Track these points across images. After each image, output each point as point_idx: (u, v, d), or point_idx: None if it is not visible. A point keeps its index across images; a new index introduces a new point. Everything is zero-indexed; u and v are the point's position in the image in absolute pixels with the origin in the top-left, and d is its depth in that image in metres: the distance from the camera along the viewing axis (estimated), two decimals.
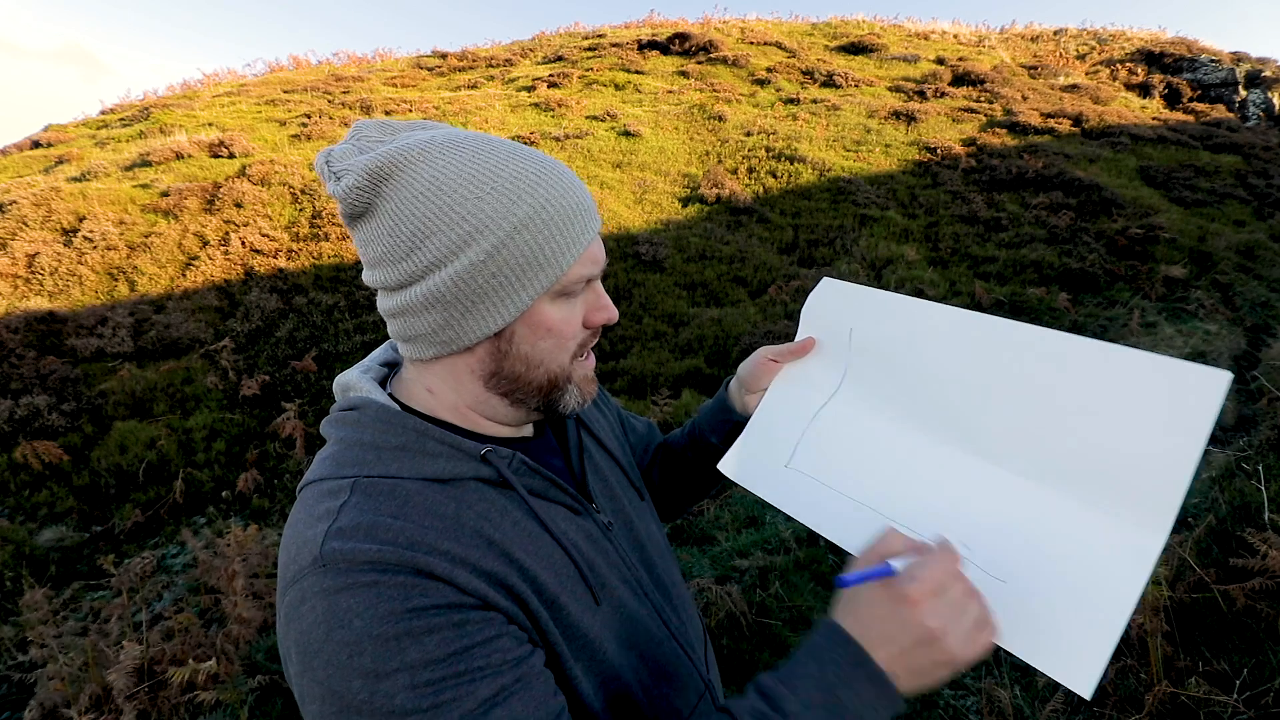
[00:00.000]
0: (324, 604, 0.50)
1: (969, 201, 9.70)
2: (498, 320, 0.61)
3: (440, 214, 0.58)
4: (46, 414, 5.59)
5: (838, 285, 0.87)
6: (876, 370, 0.80)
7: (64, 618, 3.32)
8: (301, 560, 0.53)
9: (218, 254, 7.96)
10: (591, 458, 0.79)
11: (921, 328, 0.76)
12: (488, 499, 0.61)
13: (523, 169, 0.60)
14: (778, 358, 0.88)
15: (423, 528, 0.55)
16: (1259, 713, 1.83)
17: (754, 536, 3.54)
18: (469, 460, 0.62)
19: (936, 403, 0.73)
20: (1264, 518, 2.52)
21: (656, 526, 0.85)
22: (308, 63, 18.10)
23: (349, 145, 0.62)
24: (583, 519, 0.69)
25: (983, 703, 2.14)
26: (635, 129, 11.57)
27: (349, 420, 0.64)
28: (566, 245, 0.61)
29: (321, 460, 0.62)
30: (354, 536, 0.53)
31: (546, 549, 0.62)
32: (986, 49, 16.99)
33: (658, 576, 0.77)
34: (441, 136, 0.61)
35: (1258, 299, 7.05)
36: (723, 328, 6.67)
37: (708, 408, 0.97)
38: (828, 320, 0.86)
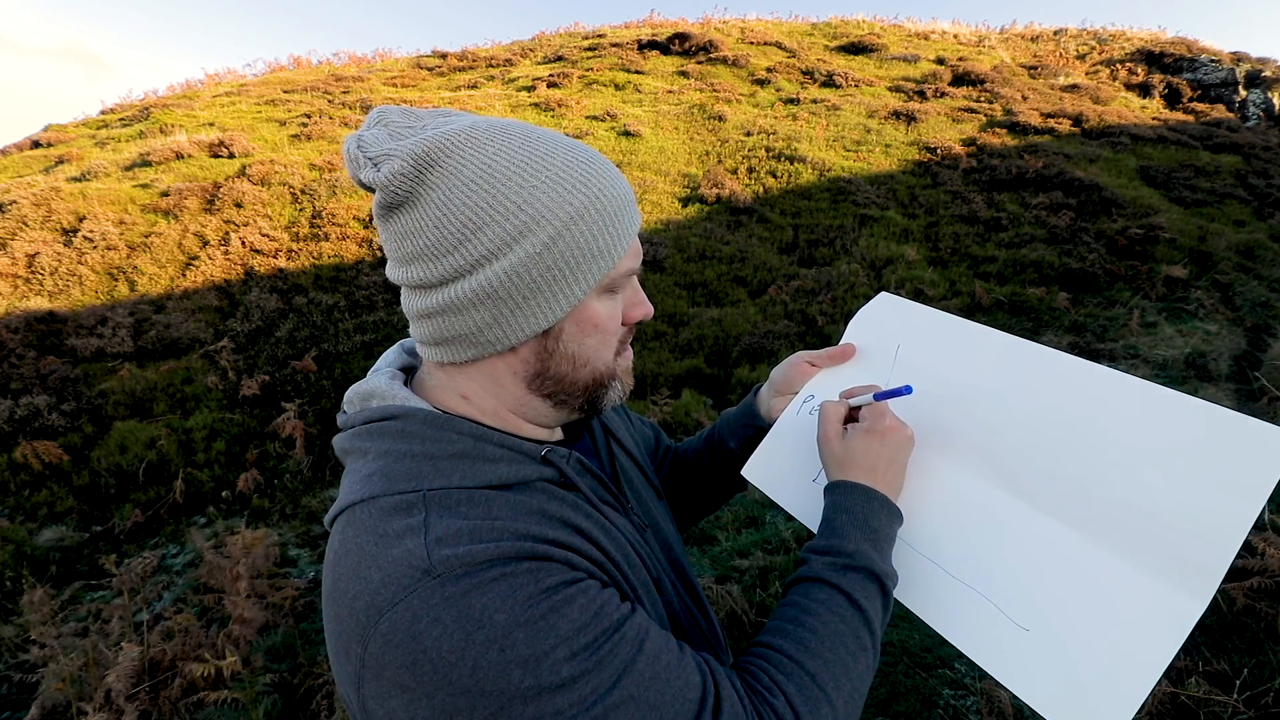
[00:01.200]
0: (451, 612, 0.47)
1: (969, 201, 9.70)
2: (550, 316, 0.58)
3: (495, 203, 0.55)
4: (46, 414, 5.59)
5: (896, 301, 0.84)
6: (917, 392, 0.76)
7: (64, 618, 3.32)
8: (400, 579, 0.49)
9: (218, 254, 7.96)
10: (618, 459, 0.78)
11: (974, 355, 0.74)
12: (558, 498, 0.61)
13: (572, 158, 0.58)
14: (815, 361, 0.86)
15: (522, 521, 0.55)
16: (1259, 713, 1.83)
17: (754, 536, 3.54)
18: (531, 463, 0.61)
19: (979, 434, 0.70)
20: (1264, 518, 2.52)
21: (675, 528, 0.85)
22: (308, 63, 18.10)
23: (379, 131, 0.58)
24: (622, 518, 0.69)
25: (983, 703, 2.14)
26: (635, 129, 11.57)
27: (390, 431, 0.59)
28: (617, 237, 0.60)
29: (367, 478, 0.57)
30: (460, 541, 0.51)
31: (620, 542, 0.63)
32: (986, 49, 16.99)
33: (687, 579, 0.77)
34: (483, 123, 0.58)
35: (1258, 299, 7.05)
36: (723, 328, 6.67)
37: (730, 414, 0.95)
38: (876, 333, 0.84)
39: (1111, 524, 0.58)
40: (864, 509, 0.68)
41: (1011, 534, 0.63)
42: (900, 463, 0.71)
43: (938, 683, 2.40)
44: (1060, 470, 0.63)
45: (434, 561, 0.49)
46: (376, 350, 6.46)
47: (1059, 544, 0.60)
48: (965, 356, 0.75)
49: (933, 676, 2.44)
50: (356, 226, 8.44)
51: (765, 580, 3.06)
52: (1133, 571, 0.56)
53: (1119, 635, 0.55)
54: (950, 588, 0.64)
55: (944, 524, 0.68)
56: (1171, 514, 0.55)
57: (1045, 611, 0.58)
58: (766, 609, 2.87)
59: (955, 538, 0.67)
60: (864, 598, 0.63)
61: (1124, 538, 0.57)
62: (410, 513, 0.53)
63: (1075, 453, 0.62)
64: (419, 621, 0.47)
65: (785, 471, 0.81)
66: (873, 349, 0.83)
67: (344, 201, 8.78)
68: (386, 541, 0.52)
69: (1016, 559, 0.62)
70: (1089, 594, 0.57)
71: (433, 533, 0.51)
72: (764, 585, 3.03)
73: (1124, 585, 0.56)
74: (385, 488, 0.55)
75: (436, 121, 0.59)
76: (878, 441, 0.70)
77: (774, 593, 2.96)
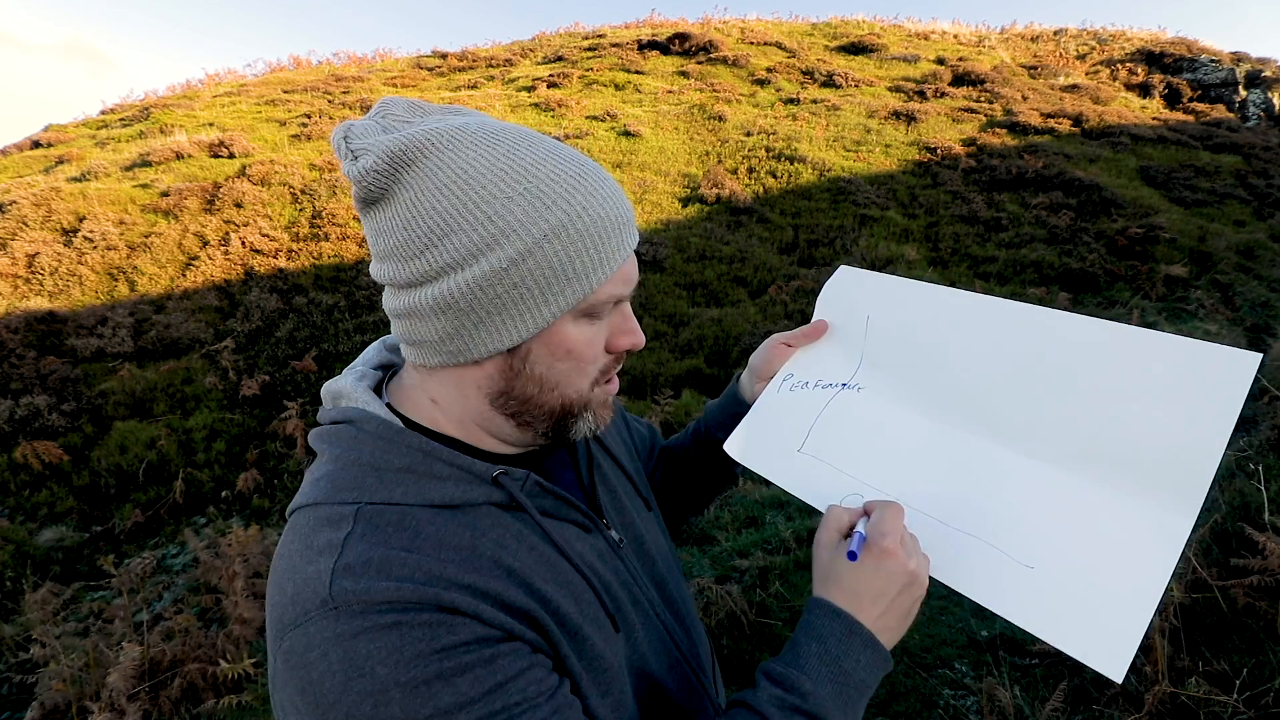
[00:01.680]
0: (339, 651, 0.46)
1: (969, 201, 9.70)
2: (513, 336, 0.55)
3: (464, 210, 0.52)
4: (46, 414, 5.59)
5: (856, 273, 0.86)
6: (894, 357, 0.79)
7: (65, 618, 3.32)
8: (305, 601, 0.48)
9: (218, 254, 7.96)
10: (601, 469, 0.74)
11: (941, 315, 0.76)
12: (502, 524, 0.57)
13: (561, 170, 0.55)
14: (790, 341, 0.86)
15: (440, 560, 0.51)
16: (1259, 713, 1.83)
17: (754, 536, 3.54)
18: (480, 484, 0.57)
19: (958, 390, 0.72)
20: (1264, 518, 2.52)
21: (665, 538, 0.81)
22: (308, 63, 18.10)
23: (372, 122, 0.57)
24: (593, 536, 0.65)
25: (983, 702, 2.14)
26: (635, 129, 11.57)
27: (343, 436, 0.58)
28: (599, 261, 0.55)
29: (315, 481, 0.57)
30: (366, 574, 0.48)
31: (565, 575, 0.59)
32: (986, 49, 16.99)
33: (668, 594, 0.73)
34: (475, 124, 0.55)
35: (1258, 299, 7.05)
36: (723, 328, 6.67)
37: (715, 404, 0.94)
38: (844, 307, 0.85)
39: (1095, 457, 0.61)
40: (840, 645, 0.59)
41: (1003, 479, 0.66)
42: (892, 598, 0.60)
43: (938, 683, 2.40)
44: (1040, 414, 0.66)
45: (333, 592, 0.48)
46: None
47: (1049, 483, 0.63)
48: (933, 317, 0.76)
49: (933, 676, 2.44)
50: (356, 226, 8.44)
51: (765, 580, 3.06)
52: (1121, 499, 0.59)
53: (1118, 560, 0.57)
54: (952, 539, 0.66)
55: (936, 479, 0.70)
56: (1150, 441, 0.59)
57: (1045, 547, 0.61)
58: (766, 609, 2.87)
59: (949, 490, 0.69)
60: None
61: (1109, 468, 0.60)
62: (338, 527, 0.52)
63: (1052, 395, 0.65)
64: (310, 651, 0.47)
65: (767, 444, 0.82)
66: (844, 322, 0.85)
67: (344, 201, 8.78)
68: (307, 556, 0.51)
69: (1010, 502, 0.65)
70: (1084, 525, 0.60)
71: (344, 558, 0.49)
72: (764, 585, 3.03)
73: (1115, 512, 0.59)
74: (328, 495, 0.55)
75: (433, 119, 0.58)
76: (871, 564, 0.60)
77: (774, 592, 2.96)
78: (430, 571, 0.50)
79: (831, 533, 0.65)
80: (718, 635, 2.65)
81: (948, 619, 2.80)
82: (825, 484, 0.76)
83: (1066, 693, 2.08)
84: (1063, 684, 2.12)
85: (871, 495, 0.72)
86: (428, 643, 0.47)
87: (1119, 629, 0.55)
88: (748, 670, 2.53)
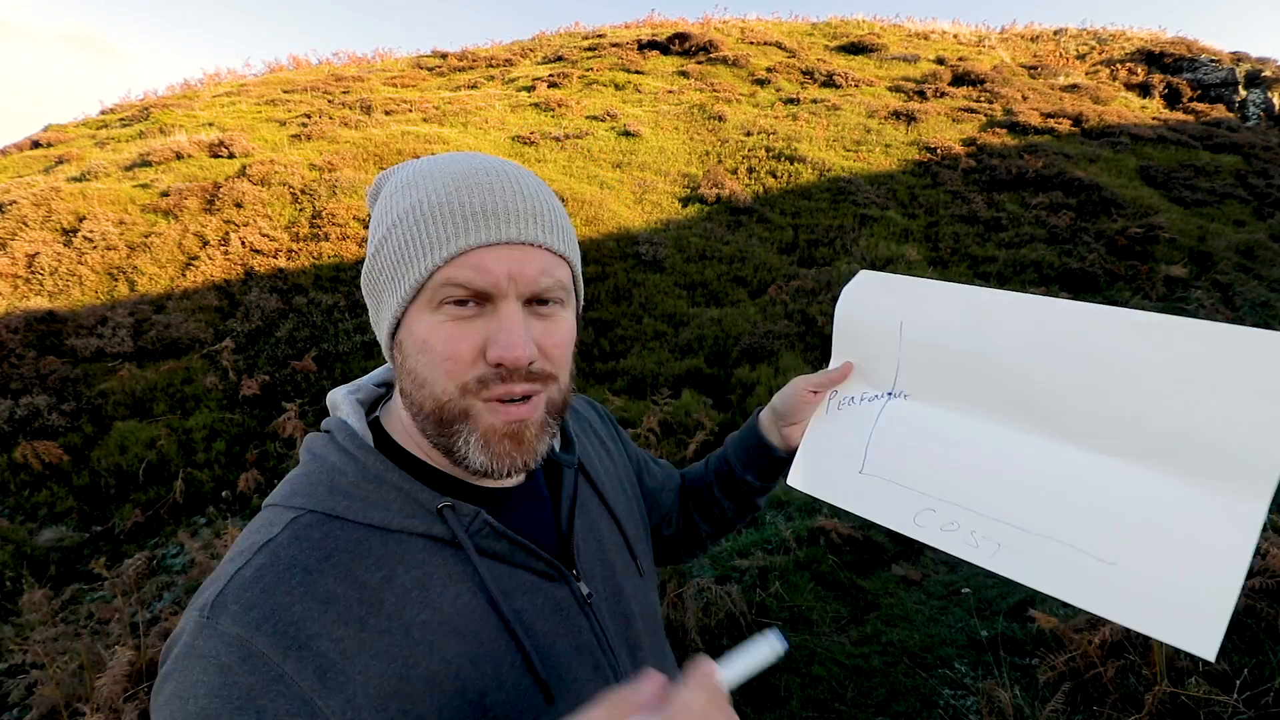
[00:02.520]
0: (182, 662, 0.48)
1: (969, 201, 9.70)
2: (385, 323, 0.59)
3: (378, 215, 0.60)
4: (46, 414, 5.59)
5: (880, 277, 0.83)
6: (936, 362, 0.77)
7: (63, 618, 3.32)
8: (203, 595, 0.51)
9: (218, 254, 7.96)
10: (587, 513, 0.70)
11: (982, 315, 0.74)
12: (431, 563, 0.55)
13: (435, 165, 0.58)
14: (818, 388, 0.84)
15: (325, 603, 0.50)
16: (1259, 713, 1.83)
17: (754, 536, 3.54)
18: (422, 514, 0.56)
19: (1012, 390, 0.71)
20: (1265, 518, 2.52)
21: (654, 595, 0.77)
22: (308, 63, 18.11)
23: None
24: (556, 587, 0.61)
25: (983, 703, 2.14)
26: (635, 129, 11.57)
27: (318, 444, 0.60)
28: (434, 243, 0.54)
29: (286, 480, 0.59)
30: (247, 597, 0.49)
31: (490, 633, 0.55)
32: (986, 49, 16.99)
33: (641, 659, 0.68)
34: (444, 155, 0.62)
35: (1258, 299, 7.05)
36: (723, 328, 6.67)
37: (737, 446, 0.91)
38: (871, 315, 0.82)
39: (1163, 449, 0.62)
40: None
41: (1072, 478, 0.66)
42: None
43: (938, 683, 2.40)
44: (1101, 408, 0.65)
45: (211, 599, 0.49)
46: (376, 350, 6.46)
47: (1119, 478, 0.64)
48: (974, 319, 0.74)
49: (933, 676, 2.44)
50: (356, 226, 8.44)
51: (765, 580, 3.06)
52: (1193, 488, 0.60)
53: (1197, 548, 0.58)
54: (1031, 544, 0.66)
55: (1004, 484, 0.70)
56: (1216, 429, 0.59)
57: (1125, 542, 0.61)
58: (766, 609, 2.87)
59: (1019, 494, 0.68)
60: None
61: (1178, 459, 0.61)
62: (267, 531, 0.54)
63: (1112, 389, 0.65)
64: (176, 642, 0.49)
65: (830, 471, 0.82)
66: (873, 329, 0.82)
67: (344, 201, 8.78)
68: (232, 553, 0.54)
69: (1084, 500, 0.65)
70: (1160, 518, 0.61)
71: (248, 568, 0.51)
72: (764, 585, 3.03)
73: (1189, 502, 0.60)
74: (284, 498, 0.57)
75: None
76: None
77: (774, 592, 2.96)
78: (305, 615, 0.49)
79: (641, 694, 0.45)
80: (717, 635, 2.64)
81: (948, 619, 2.80)
82: (894, 503, 0.75)
83: (1067, 692, 2.08)
84: (1064, 685, 2.12)
85: (942, 509, 0.72)
86: (236, 702, 0.45)
87: (1206, 611, 0.56)
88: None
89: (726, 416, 5.27)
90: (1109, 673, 2.09)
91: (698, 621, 2.62)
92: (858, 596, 3.03)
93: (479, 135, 11.22)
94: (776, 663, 0.63)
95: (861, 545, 3.38)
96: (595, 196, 9.35)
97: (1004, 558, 0.67)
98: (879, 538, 3.45)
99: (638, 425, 4.87)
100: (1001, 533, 0.68)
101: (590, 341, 6.59)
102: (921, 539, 0.72)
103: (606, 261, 7.90)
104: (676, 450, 4.66)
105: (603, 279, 7.53)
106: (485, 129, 11.56)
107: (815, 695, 2.39)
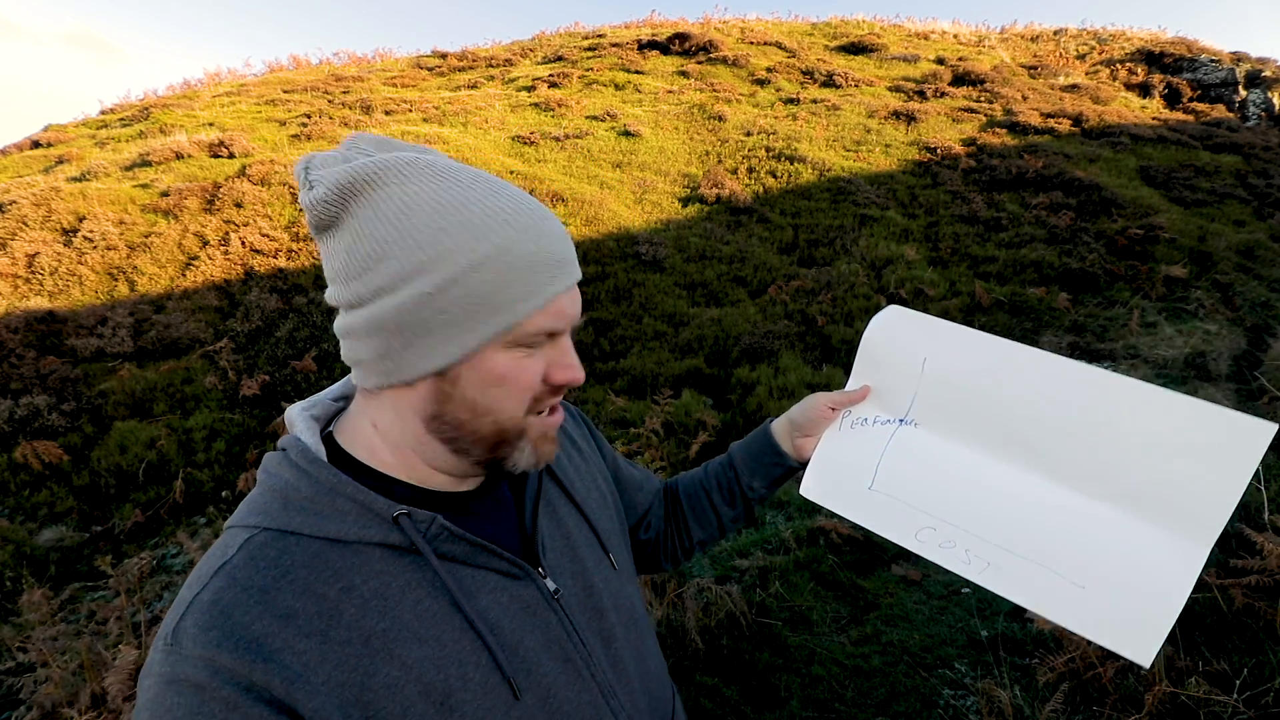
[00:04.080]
0: (156, 689, 0.49)
1: (969, 201, 9.70)
2: (439, 359, 0.57)
3: (400, 238, 0.55)
4: (46, 414, 5.59)
5: (908, 314, 0.90)
6: (951, 398, 0.86)
7: (63, 618, 3.32)
8: (165, 626, 0.52)
9: (218, 254, 7.96)
10: (553, 510, 0.73)
11: (1002, 364, 0.83)
12: (390, 571, 0.57)
13: (497, 205, 0.57)
14: (835, 405, 0.90)
15: (283, 619, 0.51)
16: (1259, 713, 1.83)
17: (754, 536, 3.54)
18: (378, 524, 0.57)
19: (1016, 433, 0.81)
20: (1264, 518, 2.52)
21: (631, 593, 0.79)
22: (308, 62, 18.10)
23: (334, 154, 0.60)
24: (522, 585, 0.64)
25: (983, 703, 2.14)
26: (635, 129, 11.57)
27: (272, 463, 0.61)
28: (527, 294, 0.57)
29: (245, 500, 0.60)
30: (205, 620, 0.50)
31: (453, 635, 0.57)
32: (986, 49, 16.98)
33: (615, 652, 0.70)
34: (426, 160, 0.58)
35: (1258, 299, 7.05)
36: (723, 327, 6.67)
37: (746, 453, 0.94)
38: (896, 346, 0.90)
39: (1135, 497, 0.74)
40: None
41: (1058, 513, 0.77)
42: None
43: (938, 683, 2.40)
44: (1089, 458, 0.77)
45: (177, 628, 0.51)
46: None
47: (1098, 517, 0.75)
48: (992, 365, 0.84)
49: (933, 676, 2.44)
50: None
51: (765, 580, 3.06)
52: (1156, 531, 0.72)
53: (1150, 579, 0.71)
54: (1017, 565, 0.77)
55: (1000, 511, 0.80)
56: (1179, 487, 0.71)
57: (1095, 570, 0.73)
58: (766, 609, 2.87)
59: (1012, 523, 0.79)
60: None
61: (1147, 507, 0.73)
62: (223, 554, 0.55)
63: (1101, 443, 0.77)
64: (148, 675, 0.51)
65: (841, 484, 0.89)
66: (896, 360, 0.90)
67: None
68: (191, 580, 0.55)
69: (1066, 533, 0.76)
70: (1126, 552, 0.73)
71: (205, 593, 0.52)
72: (764, 585, 3.03)
73: (1151, 542, 0.72)
74: (241, 517, 0.58)
75: (392, 154, 0.59)
76: None
77: (773, 592, 2.96)
78: (262, 634, 0.50)
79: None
80: (717, 635, 2.64)
81: (948, 619, 2.80)
82: (898, 519, 0.84)
83: (1066, 692, 2.08)
84: (1064, 685, 2.12)
85: (941, 529, 0.82)
86: (220, 715, 0.48)
87: (1150, 629, 0.69)
88: (748, 670, 2.53)
89: (727, 416, 5.27)
90: (1108, 673, 2.09)
91: (698, 621, 2.62)
92: (858, 596, 3.03)
93: (479, 135, 11.22)
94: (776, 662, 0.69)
95: (861, 545, 3.38)
96: (595, 196, 9.35)
97: (991, 575, 0.77)
98: (879, 538, 3.45)
99: (639, 425, 4.87)
100: (992, 553, 0.78)
101: (590, 341, 6.59)
102: (920, 552, 0.82)
103: (606, 261, 7.90)
104: (678, 451, 4.66)
105: (603, 279, 7.53)
106: (485, 129, 11.56)
107: (815, 695, 2.39)
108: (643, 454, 4.42)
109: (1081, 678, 2.14)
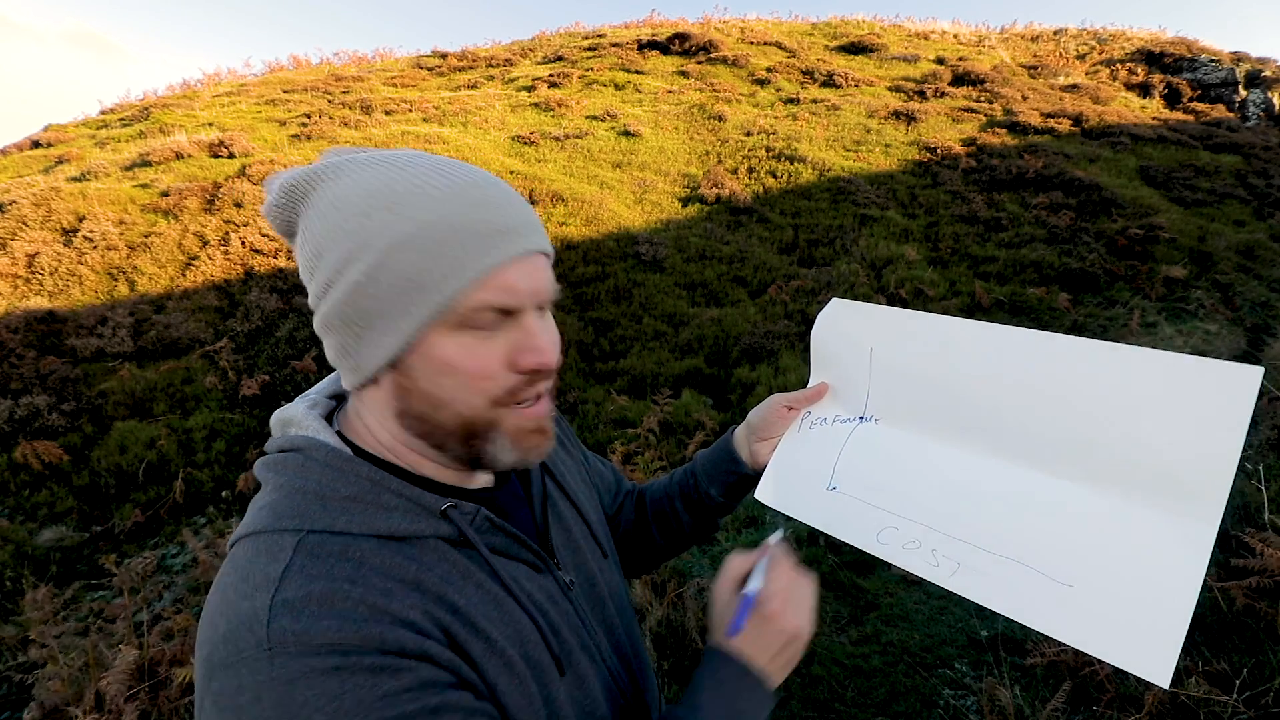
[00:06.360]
0: (274, 695, 0.44)
1: (969, 201, 9.70)
2: (385, 350, 0.55)
3: (332, 231, 0.54)
4: (46, 414, 5.58)
5: (850, 305, 0.86)
6: (904, 388, 0.80)
7: (64, 618, 3.32)
8: (239, 640, 0.46)
9: (218, 254, 7.96)
10: (556, 508, 0.73)
11: (948, 343, 0.76)
12: (449, 560, 0.57)
13: (425, 182, 0.53)
14: (793, 404, 0.87)
15: (385, 593, 0.50)
16: (1259, 713, 1.83)
17: (754, 536, 3.54)
18: (429, 517, 0.57)
19: (975, 415, 0.74)
20: (1264, 518, 2.52)
21: (620, 580, 0.81)
22: (308, 62, 18.10)
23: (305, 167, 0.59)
24: (544, 577, 0.65)
25: (983, 702, 2.14)
26: (635, 129, 11.57)
27: (290, 464, 0.57)
28: (456, 267, 0.52)
29: (258, 510, 0.55)
30: (305, 611, 0.47)
31: (512, 616, 0.58)
32: (986, 49, 16.98)
33: (617, 639, 0.73)
34: (379, 155, 0.56)
35: (1258, 299, 7.05)
36: (723, 328, 6.67)
37: (706, 459, 0.92)
38: (843, 340, 0.86)
39: (1118, 473, 0.64)
40: (735, 688, 0.62)
41: (1031, 500, 0.68)
42: (774, 653, 0.65)
43: (938, 683, 2.40)
44: (1058, 434, 0.68)
45: (270, 632, 0.46)
46: None
47: (1076, 500, 0.66)
48: (939, 346, 0.77)
49: (933, 676, 2.44)
50: None
51: None
52: (1147, 511, 0.62)
53: (1151, 570, 0.60)
54: (990, 564, 0.68)
55: (966, 505, 0.72)
56: (1167, 455, 0.61)
57: (1081, 564, 0.63)
58: None
59: (980, 515, 0.70)
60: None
61: (1132, 483, 0.63)
62: (277, 559, 0.50)
63: (1069, 416, 0.67)
64: (243, 694, 0.45)
65: (797, 487, 0.84)
66: (846, 355, 0.86)
67: None
68: (243, 591, 0.49)
69: (1043, 523, 0.67)
70: (1115, 540, 0.62)
71: (283, 593, 0.48)
72: None
73: (1142, 525, 0.62)
74: (270, 523, 0.53)
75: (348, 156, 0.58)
76: (755, 628, 0.65)
77: None
78: (375, 605, 0.49)
79: (727, 582, 0.68)
80: None
81: (948, 619, 2.80)
82: (858, 520, 0.77)
83: (1067, 693, 2.08)
84: (1065, 684, 2.12)
85: (905, 528, 0.74)
86: (369, 690, 0.45)
87: (1160, 636, 0.58)
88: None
89: (726, 416, 5.27)
90: (1105, 669, 2.09)
91: (698, 621, 2.62)
92: (858, 596, 3.03)
93: (479, 135, 11.21)
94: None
95: None
96: (595, 196, 9.35)
97: (963, 577, 0.68)
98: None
99: (638, 425, 4.87)
100: (962, 552, 0.69)
101: (590, 341, 6.59)
102: (883, 556, 0.74)
103: (606, 261, 7.90)
104: (676, 450, 4.66)
105: (603, 279, 7.53)
106: (485, 129, 11.56)
107: (815, 695, 2.40)
108: (641, 454, 4.42)
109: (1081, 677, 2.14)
